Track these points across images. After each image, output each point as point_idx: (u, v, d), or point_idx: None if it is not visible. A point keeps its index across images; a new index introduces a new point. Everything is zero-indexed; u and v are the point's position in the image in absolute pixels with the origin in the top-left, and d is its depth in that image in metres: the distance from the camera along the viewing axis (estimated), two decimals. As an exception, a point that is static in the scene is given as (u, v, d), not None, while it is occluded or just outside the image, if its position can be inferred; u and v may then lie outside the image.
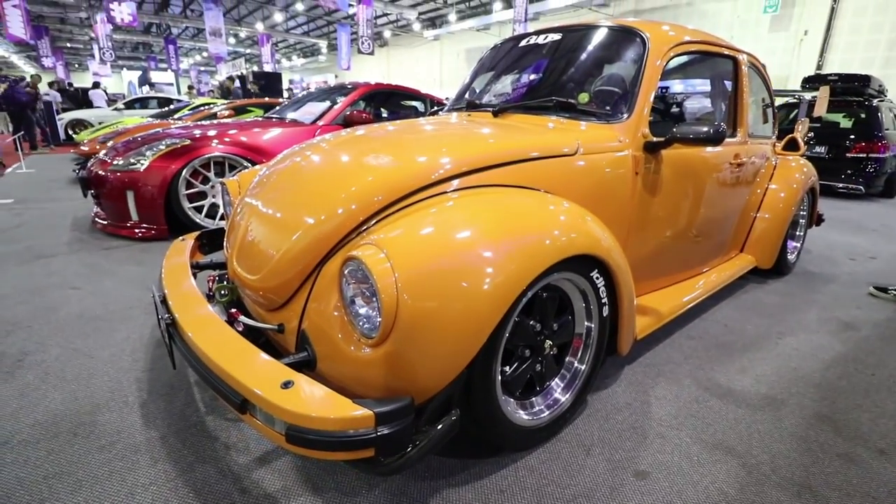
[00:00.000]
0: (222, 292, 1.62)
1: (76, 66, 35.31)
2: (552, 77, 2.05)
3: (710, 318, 2.27)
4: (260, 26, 23.10)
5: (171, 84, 20.97)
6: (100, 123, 10.85)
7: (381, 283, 0.99)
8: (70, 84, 18.57)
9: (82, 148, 6.02)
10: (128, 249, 3.11)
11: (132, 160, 3.23)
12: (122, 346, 1.88)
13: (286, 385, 0.98)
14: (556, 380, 1.44)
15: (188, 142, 3.31)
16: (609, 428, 1.45)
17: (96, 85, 13.31)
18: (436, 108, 4.69)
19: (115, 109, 11.64)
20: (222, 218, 3.44)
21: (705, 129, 1.64)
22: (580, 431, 1.43)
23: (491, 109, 1.97)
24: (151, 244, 3.22)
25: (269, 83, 12.89)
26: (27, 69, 32.11)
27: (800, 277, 2.92)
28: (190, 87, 13.77)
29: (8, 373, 1.69)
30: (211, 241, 2.10)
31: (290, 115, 4.05)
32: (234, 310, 1.44)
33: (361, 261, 1.03)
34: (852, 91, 6.34)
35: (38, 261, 2.87)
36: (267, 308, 1.37)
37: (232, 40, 26.66)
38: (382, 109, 4.63)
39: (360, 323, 1.07)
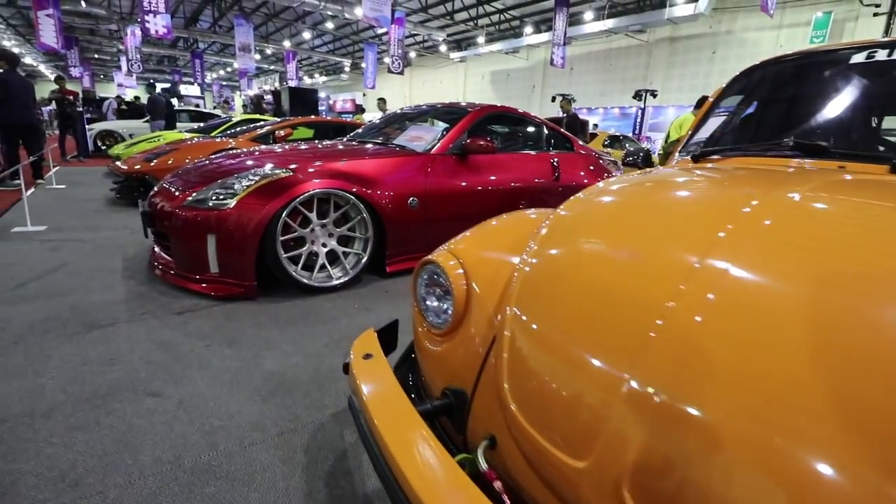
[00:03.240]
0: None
1: (101, 77, 35.01)
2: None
3: None
4: (287, 43, 22.65)
5: (201, 98, 20.41)
6: (130, 136, 10.14)
7: None
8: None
9: (120, 166, 5.23)
10: (207, 315, 2.26)
11: (217, 194, 2.41)
12: (276, 564, 1.02)
13: None
14: None
15: (289, 173, 2.49)
16: None
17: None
18: (548, 132, 3.88)
19: (146, 122, 10.91)
20: (322, 269, 2.61)
21: None
22: None
23: (891, 161, 1.14)
24: (235, 306, 2.38)
25: (304, 99, 12.20)
26: (53, 78, 31.83)
27: None
28: (226, 102, 13.10)
29: None
30: (382, 339, 1.31)
31: (396, 141, 3.24)
32: None
33: None
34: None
35: (91, 333, 2.03)
36: None
37: (257, 56, 26.21)
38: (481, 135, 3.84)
39: None
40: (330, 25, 21.15)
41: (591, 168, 3.94)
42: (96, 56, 29.28)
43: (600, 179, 3.89)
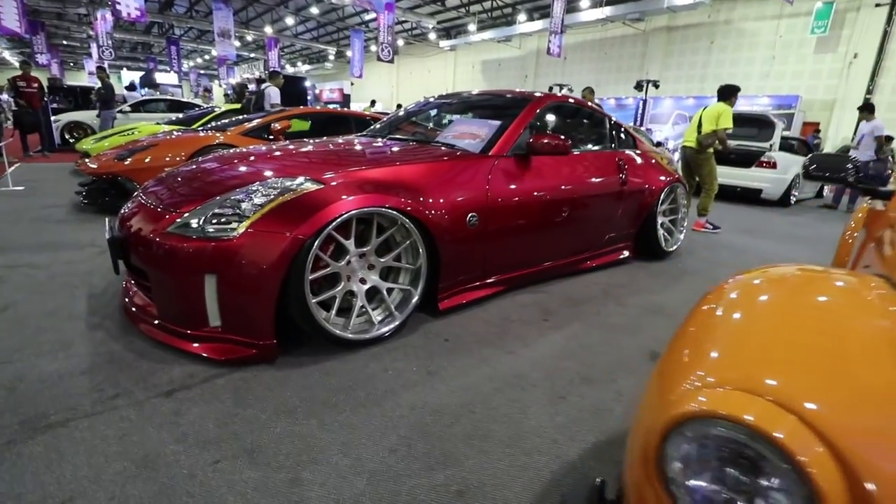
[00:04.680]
0: None
1: (71, 64, 32.87)
2: None
3: None
4: (269, 30, 21.36)
5: (178, 86, 19.06)
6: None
7: None
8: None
9: (89, 164, 4.38)
10: (209, 395, 1.55)
11: (218, 216, 1.68)
12: None
13: None
14: None
15: (317, 185, 1.78)
16: None
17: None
18: (611, 126, 3.22)
19: (120, 112, 9.85)
20: (361, 314, 1.92)
21: None
22: None
23: None
24: (247, 374, 1.67)
25: (293, 88, 11.23)
26: (17, 66, 29.76)
27: None
28: (207, 91, 12.01)
29: None
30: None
31: (441, 139, 2.53)
32: None
33: None
34: None
35: (35, 441, 1.30)
36: None
37: (237, 43, 24.67)
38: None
39: None
40: (314, 11, 19.98)
41: (655, 168, 3.31)
42: (65, 42, 27.32)
43: (663, 181, 3.26)
